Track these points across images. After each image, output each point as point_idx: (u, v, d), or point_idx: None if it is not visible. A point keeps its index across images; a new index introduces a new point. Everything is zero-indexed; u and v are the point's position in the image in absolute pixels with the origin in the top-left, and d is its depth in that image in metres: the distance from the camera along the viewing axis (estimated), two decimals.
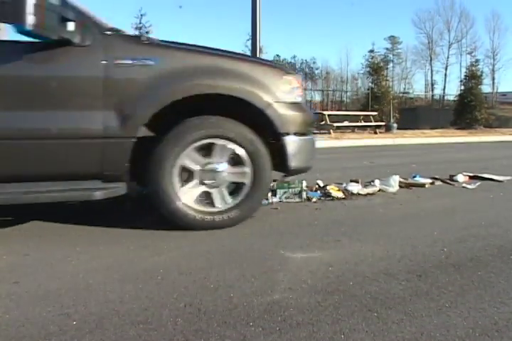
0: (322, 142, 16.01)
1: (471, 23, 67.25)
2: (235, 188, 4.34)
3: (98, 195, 3.84)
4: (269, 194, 5.42)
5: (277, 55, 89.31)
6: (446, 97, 57.95)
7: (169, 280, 3.02)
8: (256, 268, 3.23)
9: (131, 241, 3.92)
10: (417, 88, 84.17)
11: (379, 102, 23.89)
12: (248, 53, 18.66)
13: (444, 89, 71.71)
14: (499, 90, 75.32)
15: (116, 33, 4.02)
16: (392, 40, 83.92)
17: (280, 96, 4.32)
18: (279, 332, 2.31)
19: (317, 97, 78.11)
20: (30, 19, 3.12)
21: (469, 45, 61.20)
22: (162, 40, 4.28)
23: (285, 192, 5.57)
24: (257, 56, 15.49)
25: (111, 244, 3.84)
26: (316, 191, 5.96)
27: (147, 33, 17.05)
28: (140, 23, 16.85)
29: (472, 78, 26.88)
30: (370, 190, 6.14)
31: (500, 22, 74.45)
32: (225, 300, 2.71)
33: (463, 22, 63.11)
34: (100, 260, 3.43)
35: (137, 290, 2.86)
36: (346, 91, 74.17)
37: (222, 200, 4.26)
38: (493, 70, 71.87)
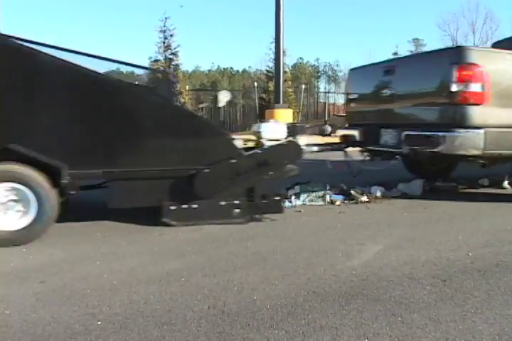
0: None
1: (497, 25, 66.22)
2: None
3: None
4: (293, 197, 5.40)
5: (300, 58, 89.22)
6: None
7: (193, 282, 3.04)
8: (279, 271, 3.22)
9: (156, 243, 3.96)
10: None
11: None
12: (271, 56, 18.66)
13: None
14: None
15: None
16: (416, 42, 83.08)
17: None
18: (303, 336, 2.31)
19: (340, 100, 77.79)
20: None
21: None
22: None
23: (308, 195, 5.54)
24: (281, 58, 15.52)
25: (135, 246, 3.88)
26: (339, 194, 5.92)
27: (171, 36, 17.13)
28: (164, 26, 16.95)
29: None
30: (393, 193, 6.09)
31: None
32: (248, 302, 2.71)
33: (488, 23, 62.19)
34: (124, 261, 3.46)
35: (161, 291, 2.87)
36: None
37: None
38: None
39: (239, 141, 4.95)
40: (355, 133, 6.63)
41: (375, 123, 6.43)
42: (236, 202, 4.53)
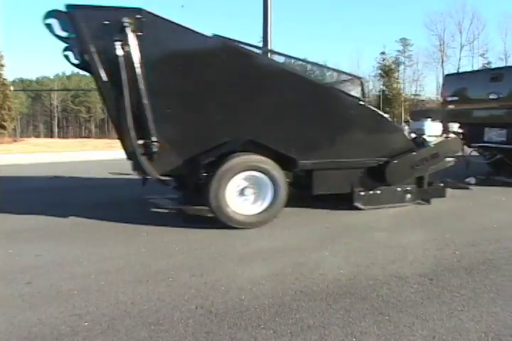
0: None
1: (483, 25, 66.65)
2: None
3: None
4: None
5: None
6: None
7: (180, 282, 3.03)
8: (267, 271, 3.23)
9: (143, 243, 3.94)
10: (428, 90, 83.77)
11: (390, 104, 23.88)
12: None
13: None
14: None
15: None
16: (404, 42, 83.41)
17: None
18: (290, 335, 2.31)
19: None
20: None
21: (481, 47, 60.81)
22: None
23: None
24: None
25: (122, 246, 3.86)
26: None
27: None
28: None
29: None
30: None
31: None
32: (236, 302, 2.71)
33: (475, 24, 62.64)
34: (112, 261, 3.45)
35: (149, 291, 2.87)
36: None
37: None
38: None
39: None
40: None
41: (479, 123, 7.32)
42: (408, 188, 5.45)
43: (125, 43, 4.05)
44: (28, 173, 8.80)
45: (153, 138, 4.25)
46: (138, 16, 4.06)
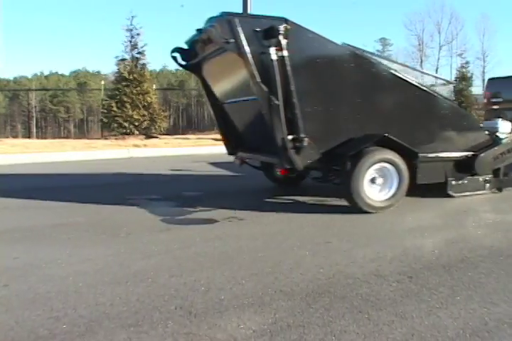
0: None
1: (461, 25, 67.26)
2: None
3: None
4: None
5: None
6: None
7: (160, 282, 3.01)
8: (246, 271, 3.23)
9: (122, 243, 3.91)
10: None
11: None
12: None
13: None
14: None
15: None
16: (383, 41, 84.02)
17: None
18: (270, 334, 2.31)
19: None
20: None
21: (459, 47, 61.38)
22: None
23: None
24: None
25: (101, 247, 3.83)
26: None
27: (138, 34, 16.94)
28: (131, 24, 16.75)
29: (462, 80, 26.97)
30: None
31: (490, 24, 74.70)
32: (215, 302, 2.71)
33: (453, 24, 63.26)
34: (90, 263, 3.42)
35: (128, 292, 2.84)
36: None
37: None
38: (483, 72, 71.97)
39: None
40: None
41: None
42: (487, 178, 6.25)
43: (279, 49, 4.64)
44: (7, 174, 8.71)
45: (302, 135, 4.85)
46: (286, 25, 4.63)
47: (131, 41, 16.90)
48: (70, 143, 13.32)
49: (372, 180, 5.13)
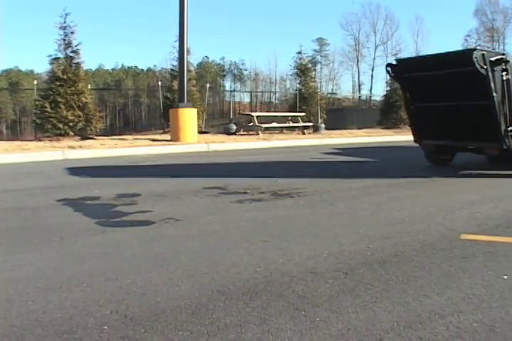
0: (252, 144, 16.10)
1: (396, 26, 69.39)
2: None
3: None
4: None
5: (206, 57, 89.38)
6: (372, 98, 59.62)
7: (95, 287, 2.96)
8: (183, 272, 3.21)
9: (56, 248, 3.82)
10: (345, 89, 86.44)
11: (307, 103, 24.14)
12: (176, 54, 18.50)
13: (370, 89, 73.72)
14: None
15: None
16: (320, 41, 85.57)
17: None
18: (207, 335, 2.31)
19: (246, 99, 79.00)
20: None
21: (394, 47, 63.11)
22: None
23: None
24: (185, 57, 15.42)
25: (34, 252, 3.72)
26: None
27: (72, 33, 16.49)
28: (65, 22, 16.30)
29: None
30: None
31: (423, 25, 77.23)
32: (152, 304, 2.68)
33: (388, 25, 65.08)
34: (22, 269, 3.31)
35: (61, 298, 2.78)
36: (275, 93, 75.20)
37: None
38: None
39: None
40: None
41: None
42: None
43: (507, 73, 7.22)
44: None
45: None
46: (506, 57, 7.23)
47: (64, 39, 16.44)
48: (1, 145, 12.87)
49: None
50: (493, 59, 7.01)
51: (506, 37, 70.69)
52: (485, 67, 6.89)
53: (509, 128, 7.23)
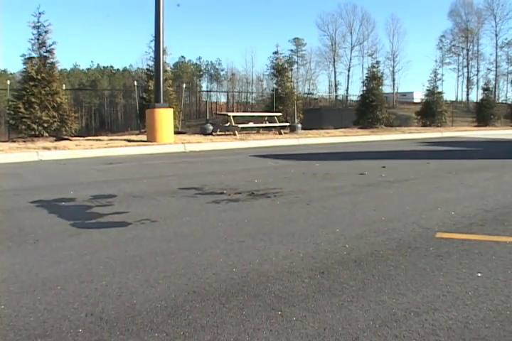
0: (228, 144, 16.09)
1: (372, 27, 69.96)
2: None
3: None
4: None
5: (182, 57, 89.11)
6: (349, 98, 60.10)
7: (69, 289, 2.92)
8: (159, 273, 3.19)
9: (30, 250, 3.77)
10: (321, 89, 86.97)
11: (283, 103, 24.13)
12: (152, 54, 18.39)
13: (347, 89, 74.32)
14: (399, 90, 79.75)
15: None
16: (297, 41, 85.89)
17: None
18: (184, 337, 2.30)
19: (223, 99, 79.00)
20: None
21: (370, 48, 63.61)
22: None
23: None
24: (161, 57, 15.34)
25: (7, 255, 3.67)
26: None
27: (46, 32, 16.28)
28: (38, 21, 16.08)
29: (373, 79, 27.78)
30: None
31: (399, 26, 77.93)
32: (127, 306, 2.66)
33: (364, 25, 65.58)
34: None
35: (35, 301, 2.74)
36: (252, 93, 75.32)
37: None
38: (393, 72, 74.99)
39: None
40: None
41: None
42: None
43: None
44: None
45: None
46: None
47: (38, 39, 16.22)
48: None
49: None
50: None
51: (480, 38, 71.87)
52: None
53: None
